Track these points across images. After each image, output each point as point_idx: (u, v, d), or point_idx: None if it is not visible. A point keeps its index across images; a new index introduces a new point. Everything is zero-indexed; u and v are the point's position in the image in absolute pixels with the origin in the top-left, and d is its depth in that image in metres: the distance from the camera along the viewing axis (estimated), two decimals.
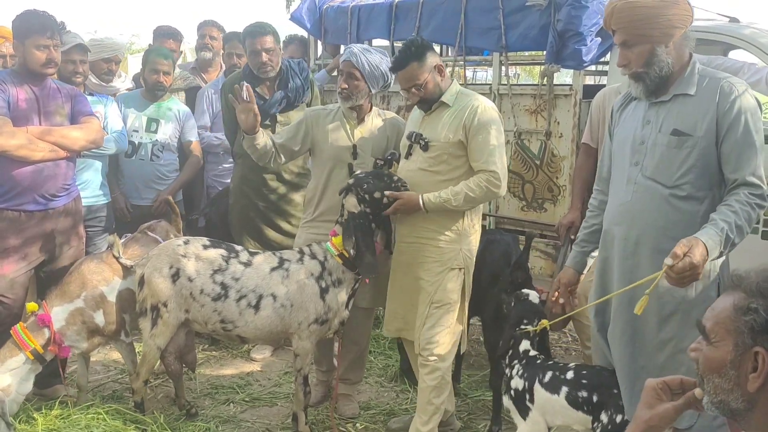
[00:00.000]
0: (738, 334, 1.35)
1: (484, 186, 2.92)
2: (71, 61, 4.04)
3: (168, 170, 4.54)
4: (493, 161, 2.93)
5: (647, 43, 2.36)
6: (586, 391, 2.57)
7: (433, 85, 3.01)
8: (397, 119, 3.51)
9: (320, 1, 5.38)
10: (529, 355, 2.80)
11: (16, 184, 3.34)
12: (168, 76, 4.49)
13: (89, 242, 4.27)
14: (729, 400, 1.37)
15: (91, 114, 3.64)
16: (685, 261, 2.09)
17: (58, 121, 3.46)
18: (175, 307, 3.17)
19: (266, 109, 4.12)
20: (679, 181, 2.37)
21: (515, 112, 4.22)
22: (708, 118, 2.33)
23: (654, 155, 2.42)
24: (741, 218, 2.26)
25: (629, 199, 2.47)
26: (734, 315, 1.36)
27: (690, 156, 2.35)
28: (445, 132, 3.00)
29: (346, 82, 3.27)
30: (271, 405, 3.73)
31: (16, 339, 3.17)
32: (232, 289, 3.13)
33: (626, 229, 2.48)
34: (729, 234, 2.22)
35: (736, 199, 2.28)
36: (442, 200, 2.94)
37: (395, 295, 3.24)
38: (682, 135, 2.36)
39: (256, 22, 4.17)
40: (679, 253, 2.10)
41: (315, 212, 3.47)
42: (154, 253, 3.26)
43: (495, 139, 2.95)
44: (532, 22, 4.04)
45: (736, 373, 1.35)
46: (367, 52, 3.31)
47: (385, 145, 3.40)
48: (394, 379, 4.05)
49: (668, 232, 2.36)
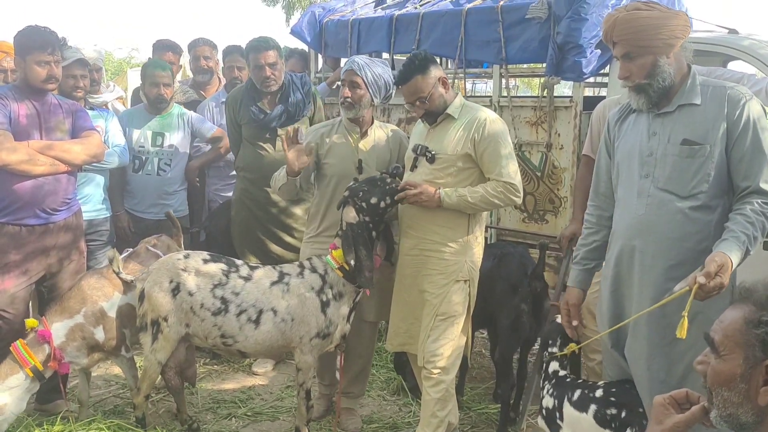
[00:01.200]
0: (748, 347, 1.34)
1: (501, 192, 2.96)
2: (72, 75, 4.05)
3: (175, 183, 4.55)
4: (508, 172, 2.97)
5: (649, 54, 2.36)
6: (614, 408, 2.53)
7: (437, 98, 3.03)
8: (398, 132, 3.52)
9: (320, 15, 5.40)
10: (558, 375, 2.78)
11: (17, 198, 3.34)
12: (168, 87, 4.51)
13: (90, 256, 4.27)
14: (738, 413, 1.36)
15: (92, 129, 3.65)
16: (717, 281, 2.09)
17: (59, 137, 3.47)
18: (176, 321, 3.16)
19: (266, 123, 4.15)
20: (694, 191, 2.36)
21: (516, 124, 4.23)
22: (718, 126, 2.33)
23: (665, 166, 2.41)
24: (757, 229, 2.26)
25: (643, 212, 2.45)
26: (745, 328, 1.35)
27: (704, 165, 2.35)
28: (452, 144, 3.01)
29: (349, 91, 3.28)
30: (273, 419, 3.71)
31: (16, 356, 3.14)
32: (232, 304, 3.12)
33: (642, 242, 2.45)
34: (748, 246, 2.23)
35: (752, 209, 2.27)
36: (459, 195, 2.96)
37: (398, 310, 3.24)
38: (694, 144, 2.35)
39: (259, 37, 4.19)
40: (712, 272, 2.09)
41: (319, 227, 3.47)
42: (155, 267, 3.26)
43: (505, 150, 2.99)
44: (531, 34, 4.06)
45: (746, 387, 1.34)
46: (370, 62, 3.33)
47: (389, 158, 3.41)
48: (397, 393, 4.03)
49: (684, 243, 2.35)
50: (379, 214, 3.09)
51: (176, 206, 4.52)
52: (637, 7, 2.41)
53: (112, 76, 15.28)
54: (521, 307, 3.46)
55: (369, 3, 5.54)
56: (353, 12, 5.34)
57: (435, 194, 2.96)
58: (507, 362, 3.56)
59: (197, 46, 5.27)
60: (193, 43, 5.30)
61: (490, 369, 4.31)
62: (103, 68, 5.30)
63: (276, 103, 4.19)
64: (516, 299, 3.47)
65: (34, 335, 3.20)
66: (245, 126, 4.26)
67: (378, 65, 3.33)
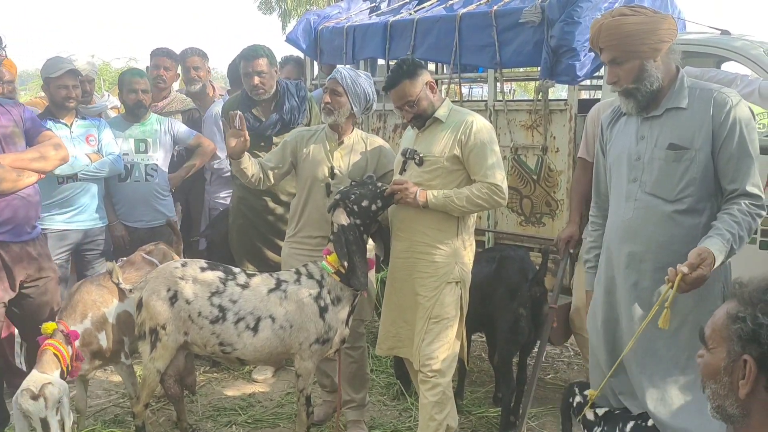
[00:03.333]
0: (729, 341, 1.39)
1: (486, 193, 2.98)
2: (63, 86, 4.05)
3: (163, 188, 4.55)
4: (493, 174, 2.99)
5: (636, 59, 2.37)
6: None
7: (426, 102, 3.07)
8: (382, 146, 3.53)
9: (315, 22, 5.42)
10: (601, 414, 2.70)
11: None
12: (146, 94, 4.49)
13: (87, 266, 4.28)
14: (725, 405, 1.40)
15: (46, 129, 3.59)
16: (698, 272, 2.14)
17: (17, 142, 3.42)
18: (174, 329, 3.16)
19: (261, 132, 4.16)
20: (680, 195, 2.38)
21: (511, 128, 4.25)
22: (704, 129, 2.34)
23: (652, 170, 2.42)
24: (743, 229, 2.28)
25: (630, 215, 2.47)
26: (727, 323, 1.40)
27: (690, 169, 2.36)
28: (440, 147, 3.05)
29: (329, 97, 3.36)
30: (274, 426, 3.71)
31: (56, 353, 3.05)
32: (230, 312, 3.13)
33: (630, 246, 2.47)
34: (733, 244, 2.25)
35: (738, 209, 2.30)
36: (445, 196, 2.99)
37: (389, 313, 3.26)
38: (679, 149, 2.37)
39: (251, 45, 4.21)
40: (694, 263, 2.14)
41: (296, 228, 3.55)
42: (152, 275, 3.26)
43: (491, 152, 3.02)
44: (525, 38, 4.08)
45: (729, 380, 1.39)
46: (352, 72, 3.41)
47: (365, 168, 3.45)
48: (396, 398, 4.03)
49: (671, 247, 2.37)
50: (370, 216, 3.13)
51: (166, 212, 4.53)
52: (623, 13, 2.42)
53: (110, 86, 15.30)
54: (520, 311, 3.48)
55: (364, 10, 5.57)
56: (348, 19, 5.37)
57: (421, 193, 2.99)
58: (507, 366, 3.57)
59: (187, 57, 5.23)
60: (183, 54, 5.25)
61: (489, 373, 4.32)
62: (96, 79, 5.29)
63: (271, 111, 4.21)
64: (515, 303, 3.49)
65: (63, 335, 3.13)
66: None
67: (361, 77, 3.41)
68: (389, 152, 3.50)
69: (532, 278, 3.50)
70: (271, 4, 21.73)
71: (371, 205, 3.10)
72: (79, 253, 4.26)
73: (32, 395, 2.88)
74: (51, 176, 3.99)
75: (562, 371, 4.53)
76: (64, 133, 4.11)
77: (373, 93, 3.45)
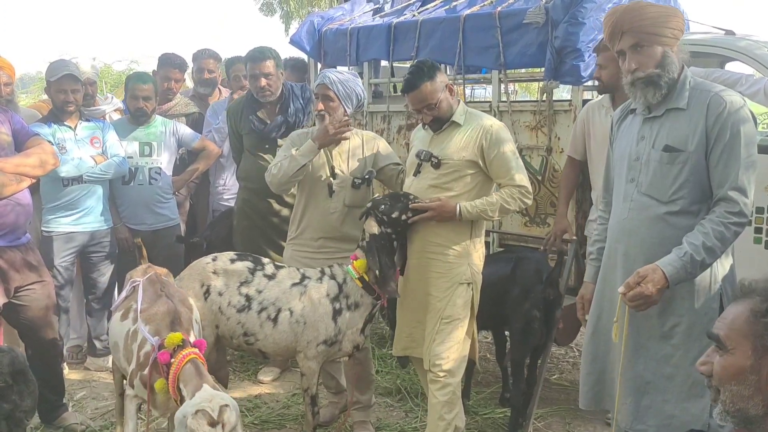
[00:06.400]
0: (756, 337, 1.36)
1: (518, 198, 3.03)
2: (63, 90, 4.06)
3: (166, 191, 4.56)
4: (520, 177, 3.04)
5: (659, 44, 2.34)
6: None
7: (446, 105, 3.07)
8: (376, 141, 3.56)
9: (319, 24, 5.42)
10: None
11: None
12: (148, 101, 4.47)
13: (93, 268, 4.30)
14: (748, 407, 1.37)
15: (34, 134, 3.55)
16: (636, 291, 2.22)
17: (5, 146, 3.38)
18: (208, 324, 3.19)
19: (267, 134, 4.17)
20: (674, 197, 2.37)
21: (516, 129, 4.25)
22: (698, 132, 2.32)
23: (648, 172, 2.42)
24: (711, 239, 2.25)
25: (626, 215, 2.49)
26: (752, 319, 1.37)
27: (683, 171, 2.35)
28: (458, 150, 3.05)
29: (322, 105, 3.37)
30: (280, 427, 3.72)
31: (204, 370, 2.56)
32: (254, 301, 3.16)
33: (625, 246, 2.49)
34: (695, 257, 2.24)
35: (710, 219, 2.29)
36: (479, 210, 3.00)
37: (403, 314, 3.27)
38: (674, 151, 2.35)
39: (257, 47, 4.21)
40: (631, 284, 2.23)
41: (297, 230, 3.55)
42: (185, 274, 3.29)
43: (513, 155, 3.05)
44: (529, 39, 4.08)
45: (757, 378, 1.36)
46: (339, 75, 3.41)
47: (364, 165, 3.47)
48: (402, 399, 4.03)
49: (664, 248, 2.35)
50: (401, 226, 3.11)
51: (169, 214, 4.54)
52: (639, 3, 2.43)
53: (111, 88, 15.34)
54: (533, 313, 3.47)
55: (367, 11, 5.57)
56: (352, 20, 5.37)
57: (453, 209, 3.00)
58: (518, 368, 3.56)
59: (202, 58, 5.27)
60: (198, 54, 5.29)
61: (495, 373, 4.32)
62: (98, 82, 5.30)
63: (276, 114, 4.21)
64: (528, 304, 3.48)
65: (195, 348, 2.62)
66: (246, 136, 4.29)
67: (349, 77, 3.42)
68: (384, 144, 3.54)
69: (545, 280, 3.49)
70: (272, 6, 21.75)
71: (401, 215, 3.09)
72: (85, 255, 4.27)
73: (210, 421, 2.28)
74: (56, 178, 4.01)
75: (567, 372, 4.53)
76: (68, 136, 4.12)
77: (363, 91, 3.47)
